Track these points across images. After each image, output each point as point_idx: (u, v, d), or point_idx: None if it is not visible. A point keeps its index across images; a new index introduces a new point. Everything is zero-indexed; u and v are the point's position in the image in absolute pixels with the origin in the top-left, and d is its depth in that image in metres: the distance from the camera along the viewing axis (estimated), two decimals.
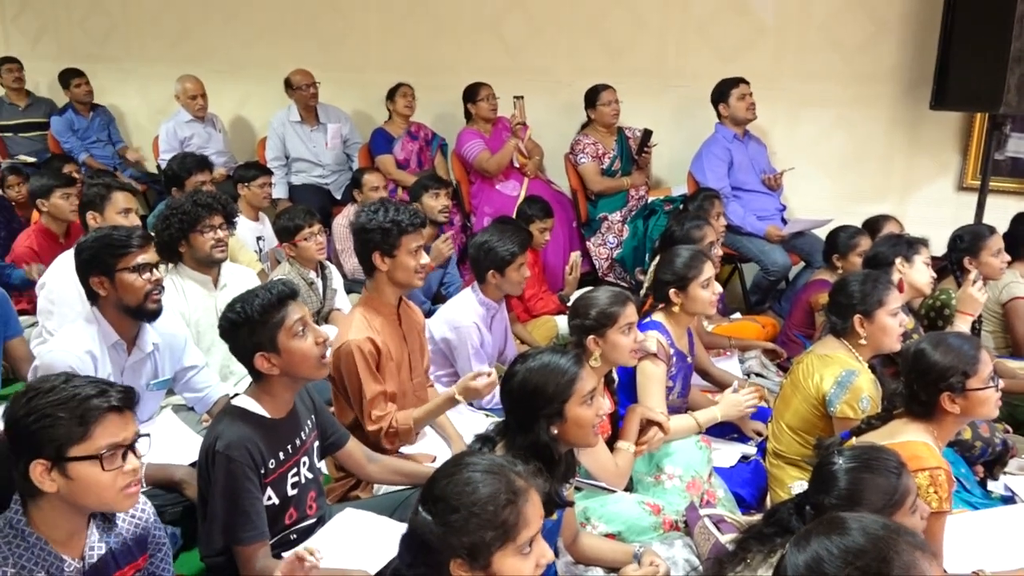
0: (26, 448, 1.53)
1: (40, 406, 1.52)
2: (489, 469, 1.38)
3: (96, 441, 1.53)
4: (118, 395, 1.58)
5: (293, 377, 2.07)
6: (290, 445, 2.11)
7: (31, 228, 4.20)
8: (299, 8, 5.67)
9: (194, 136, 5.51)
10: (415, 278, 2.59)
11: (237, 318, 2.03)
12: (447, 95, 5.19)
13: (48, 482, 1.53)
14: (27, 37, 6.53)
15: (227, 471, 1.94)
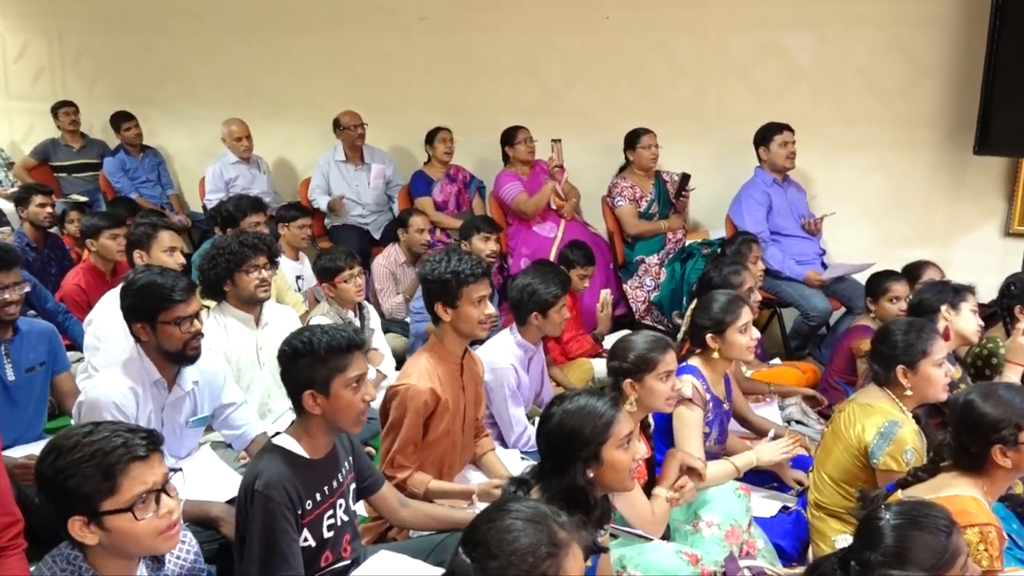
0: (61, 506, 1.54)
1: (65, 465, 1.53)
2: (532, 518, 1.36)
3: (124, 493, 1.54)
4: (141, 442, 1.58)
5: (331, 423, 2.08)
6: (327, 487, 2.11)
7: (80, 266, 4.32)
8: (341, 51, 5.82)
9: (239, 177, 5.64)
10: (478, 328, 2.59)
11: (301, 348, 2.04)
12: (485, 137, 5.26)
13: (89, 535, 1.54)
14: (84, 81, 6.79)
15: (265, 510, 1.95)
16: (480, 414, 2.82)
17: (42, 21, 6.86)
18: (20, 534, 2.14)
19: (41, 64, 6.95)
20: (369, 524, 2.59)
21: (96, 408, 2.38)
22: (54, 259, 4.80)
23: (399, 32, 5.65)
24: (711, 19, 4.84)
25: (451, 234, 5.03)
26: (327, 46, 5.85)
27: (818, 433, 3.15)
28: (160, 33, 6.40)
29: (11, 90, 7.13)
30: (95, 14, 6.62)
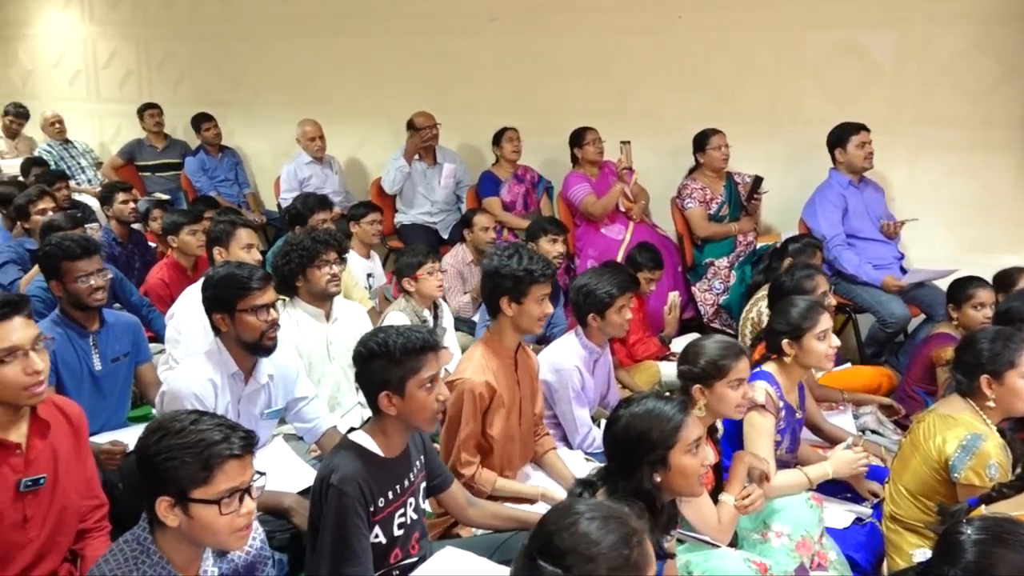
0: (154, 483, 1.62)
1: (168, 447, 1.61)
2: (605, 515, 1.35)
3: (216, 486, 1.60)
4: (240, 441, 1.64)
5: (407, 423, 2.11)
6: (399, 485, 2.14)
7: (163, 262, 4.49)
8: (413, 54, 5.90)
9: (312, 176, 5.78)
10: (537, 325, 2.63)
11: (377, 349, 2.06)
12: (554, 138, 5.27)
13: (171, 517, 1.61)
14: (168, 84, 7.06)
15: (339, 505, 1.98)
16: (537, 409, 2.83)
17: (130, 28, 7.17)
18: (105, 517, 2.24)
19: (128, 68, 7.26)
20: (435, 520, 2.61)
21: (177, 398, 2.47)
22: (138, 254, 4.99)
23: (469, 34, 5.70)
24: (787, 19, 4.74)
25: (518, 234, 5.04)
26: (399, 48, 5.95)
27: (894, 443, 3.05)
28: (239, 38, 6.61)
29: (101, 94, 7.47)
30: (179, 21, 6.88)
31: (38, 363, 1.92)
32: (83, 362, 2.97)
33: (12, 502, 1.95)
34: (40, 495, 2.00)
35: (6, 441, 1.94)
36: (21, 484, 1.96)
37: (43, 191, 4.64)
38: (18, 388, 1.91)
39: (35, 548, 2.01)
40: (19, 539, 1.98)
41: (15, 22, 7.77)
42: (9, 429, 1.95)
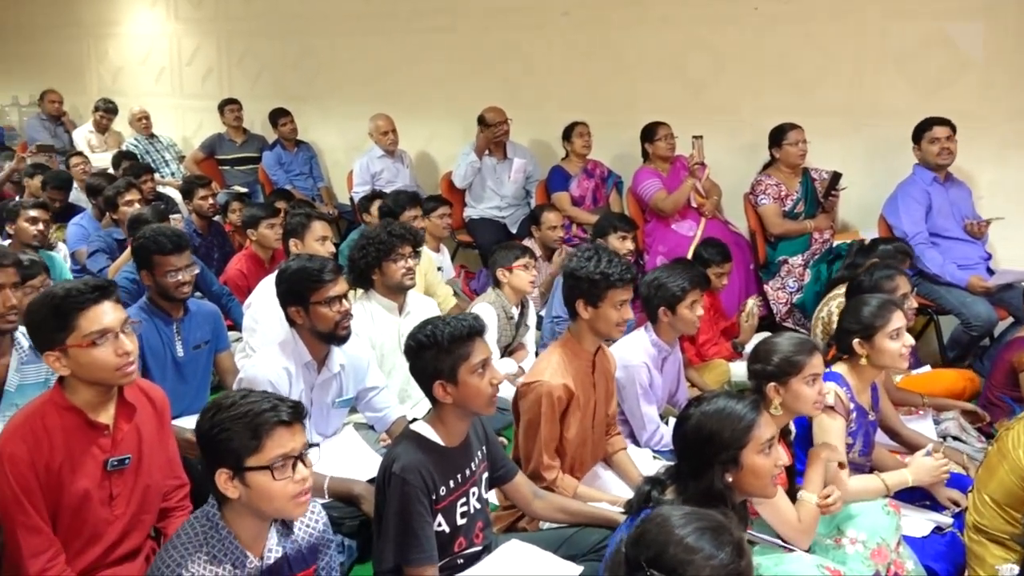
0: (212, 458, 1.69)
1: (220, 420, 1.68)
2: (714, 527, 1.34)
3: (267, 453, 1.66)
4: (288, 410, 1.70)
5: (464, 409, 2.14)
6: (460, 474, 2.17)
7: (241, 253, 4.64)
8: (484, 49, 5.93)
9: (384, 170, 5.88)
10: (615, 331, 2.60)
11: (426, 341, 2.11)
12: (625, 133, 5.22)
13: (231, 489, 1.68)
14: (247, 79, 7.27)
15: (401, 493, 2.02)
16: (611, 411, 2.81)
17: (212, 25, 7.40)
18: (187, 496, 2.33)
19: (210, 65, 7.50)
20: (500, 513, 2.63)
21: (253, 384, 2.54)
22: (217, 246, 5.16)
23: (541, 28, 5.70)
24: (869, 9, 4.58)
25: (587, 229, 5.03)
26: (470, 44, 5.98)
27: (978, 451, 2.92)
28: (316, 34, 6.75)
29: (184, 89, 7.74)
30: (259, 18, 7.07)
31: (127, 344, 2.01)
32: (167, 348, 3.08)
33: (100, 480, 2.04)
34: (125, 474, 2.09)
35: (95, 422, 2.03)
36: (108, 463, 2.05)
37: (130, 183, 4.84)
38: (110, 369, 1.99)
39: (121, 525, 2.10)
40: (106, 516, 2.07)
41: (107, 21, 8.11)
42: (98, 411, 2.04)
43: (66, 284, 2.04)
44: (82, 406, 2.02)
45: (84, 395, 2.02)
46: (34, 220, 4.21)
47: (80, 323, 1.96)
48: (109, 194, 4.73)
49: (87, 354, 1.96)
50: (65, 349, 1.97)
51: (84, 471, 2.01)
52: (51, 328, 1.97)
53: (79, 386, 2.02)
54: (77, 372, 1.99)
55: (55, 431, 1.98)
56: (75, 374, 1.99)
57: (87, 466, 2.02)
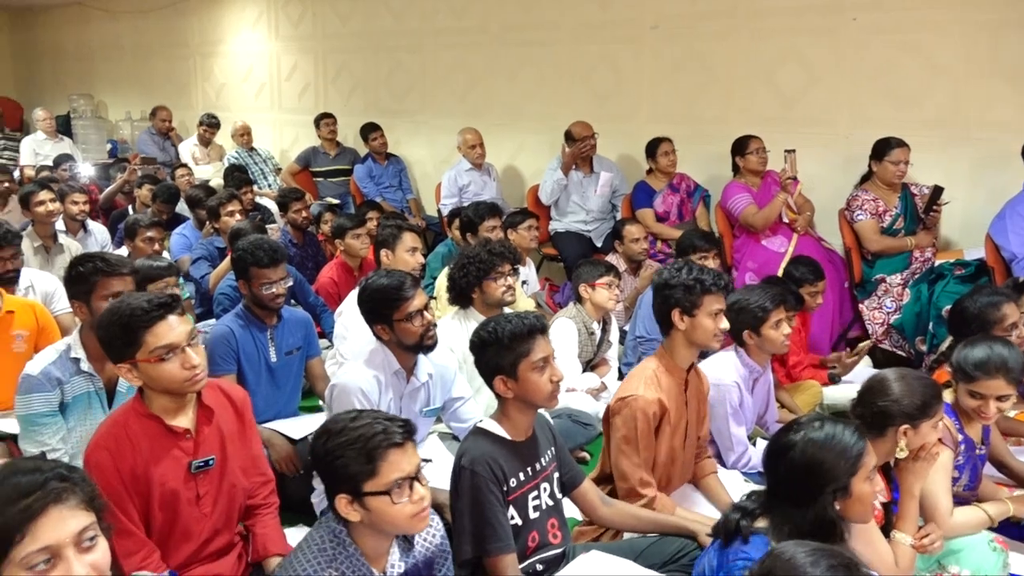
0: (331, 483, 1.73)
1: (334, 447, 1.70)
2: (846, 563, 1.32)
3: (384, 477, 1.68)
4: (399, 430, 1.71)
5: (525, 403, 2.18)
6: (530, 468, 2.21)
7: (332, 262, 4.78)
8: (573, 62, 5.95)
9: (471, 183, 5.96)
10: (713, 340, 2.55)
11: (488, 338, 2.17)
12: (714, 146, 5.14)
13: (352, 513, 1.71)
14: (341, 95, 7.51)
15: (472, 484, 2.06)
16: (703, 433, 2.76)
17: (310, 43, 7.69)
18: (273, 492, 2.39)
19: (307, 81, 7.78)
20: (583, 528, 2.61)
21: (345, 392, 2.62)
22: (311, 255, 5.34)
23: (630, 42, 5.68)
24: (979, 18, 4.38)
25: (672, 244, 4.97)
26: (559, 58, 6.02)
27: None
28: (408, 50, 6.92)
29: (282, 104, 8.05)
30: (354, 35, 7.30)
31: (194, 358, 2.07)
32: (261, 354, 3.20)
33: (185, 482, 2.12)
34: (210, 475, 2.17)
35: (175, 428, 2.11)
36: (192, 466, 2.13)
37: (232, 195, 5.06)
38: (179, 381, 2.06)
39: (211, 523, 2.18)
40: (196, 515, 2.15)
41: (213, 41, 8.53)
42: (177, 416, 2.12)
43: (132, 301, 2.10)
44: (160, 413, 2.10)
45: (160, 403, 2.10)
46: (151, 240, 4.44)
47: (147, 339, 2.03)
48: (212, 205, 4.95)
49: (155, 368, 2.04)
50: (135, 363, 2.05)
51: (169, 474, 2.09)
52: (120, 343, 2.05)
53: (154, 395, 2.10)
54: (148, 383, 2.07)
55: (138, 437, 2.06)
56: (147, 385, 2.08)
57: (172, 469, 2.10)
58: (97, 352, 2.66)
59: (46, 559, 1.31)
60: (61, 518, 1.33)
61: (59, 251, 4.68)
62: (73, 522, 1.34)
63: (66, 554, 1.33)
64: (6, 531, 1.29)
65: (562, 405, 3.38)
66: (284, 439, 3.01)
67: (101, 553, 1.38)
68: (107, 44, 9.61)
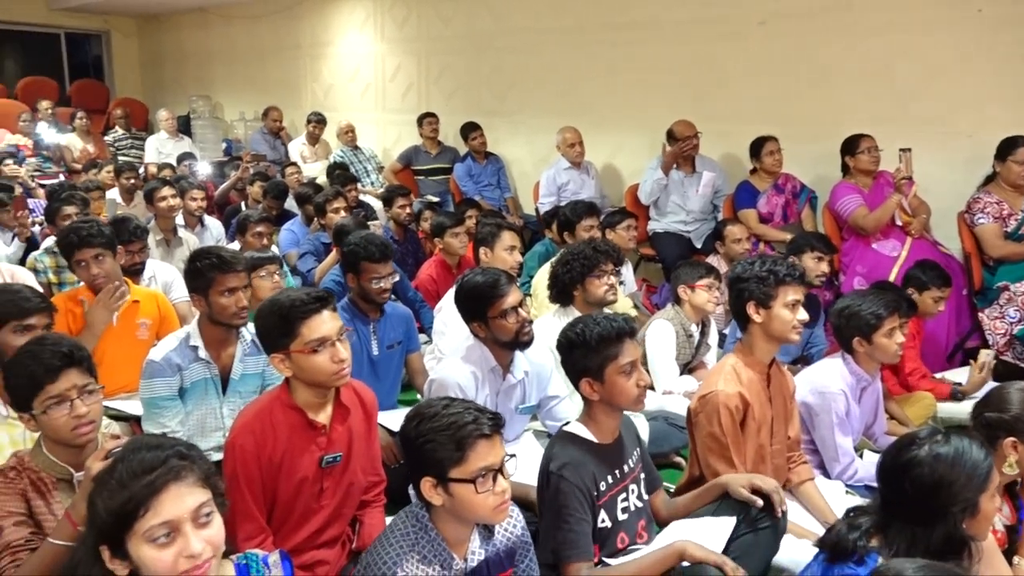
0: (417, 466, 1.77)
1: (425, 431, 1.75)
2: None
3: (470, 465, 1.72)
4: (488, 422, 1.75)
5: (611, 406, 2.18)
6: (618, 470, 2.21)
7: (432, 259, 4.87)
8: (675, 60, 5.86)
9: (570, 182, 5.96)
10: (792, 332, 2.48)
11: (575, 339, 2.18)
12: (821, 146, 4.96)
13: (436, 496, 1.76)
14: (443, 95, 7.64)
15: (559, 490, 2.07)
16: (792, 433, 2.67)
17: (414, 44, 7.85)
18: (382, 492, 2.48)
19: (410, 81, 7.95)
20: None
21: (443, 387, 2.67)
22: (411, 252, 5.47)
23: (735, 39, 5.55)
24: None
25: (775, 246, 4.82)
26: (661, 55, 5.94)
27: None
28: (509, 50, 6.98)
29: (386, 104, 8.26)
30: (457, 36, 7.42)
31: (342, 352, 2.16)
32: (364, 346, 3.30)
33: (313, 475, 2.21)
34: (335, 471, 2.26)
35: (315, 422, 2.21)
36: (323, 460, 2.22)
37: (338, 192, 5.24)
38: (327, 374, 2.15)
39: (326, 515, 2.27)
40: (315, 506, 2.25)
41: (323, 42, 8.83)
42: (317, 411, 2.22)
43: (291, 294, 2.21)
44: (303, 406, 2.19)
45: (305, 396, 2.20)
46: (260, 235, 4.64)
47: (302, 331, 2.13)
48: (319, 201, 5.13)
49: (307, 359, 2.13)
50: (288, 353, 2.14)
51: (302, 466, 2.18)
52: (277, 334, 2.15)
53: (300, 387, 2.19)
54: (298, 374, 2.16)
55: (280, 427, 2.16)
56: (296, 376, 2.17)
57: (305, 461, 2.19)
58: (213, 341, 2.82)
59: (166, 533, 1.39)
60: (180, 494, 1.41)
61: (178, 244, 4.96)
62: (191, 499, 1.42)
63: (184, 529, 1.41)
64: (132, 504, 1.38)
65: (658, 408, 3.37)
66: (384, 430, 3.09)
67: (216, 529, 1.46)
68: (224, 48, 10.10)
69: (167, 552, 1.39)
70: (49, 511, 1.91)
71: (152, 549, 1.38)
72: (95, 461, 1.74)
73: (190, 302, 3.13)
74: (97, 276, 3.31)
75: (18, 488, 1.90)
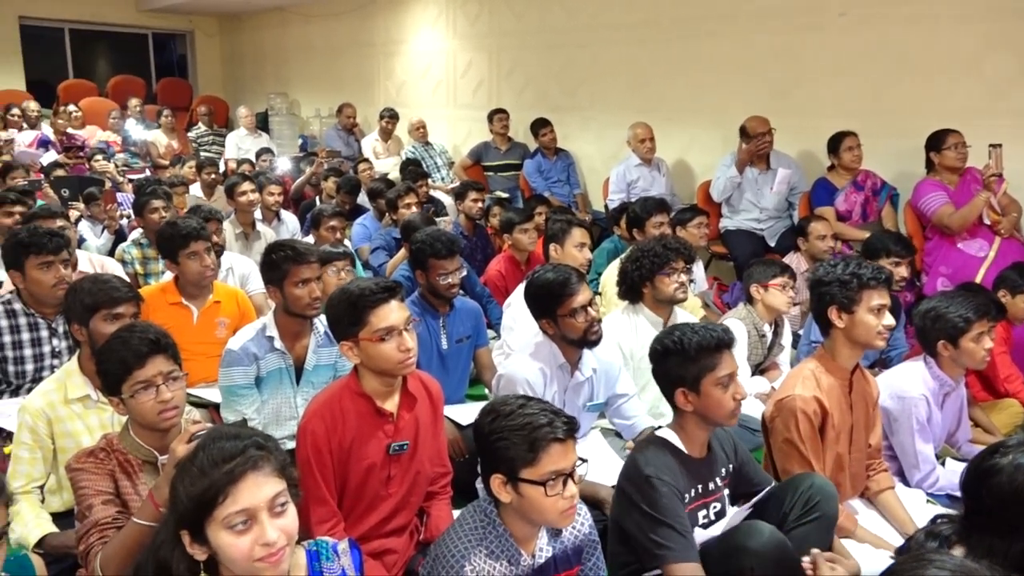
0: (489, 461, 1.78)
1: (499, 428, 1.76)
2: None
3: (542, 467, 1.71)
4: (563, 426, 1.75)
5: (704, 419, 2.12)
6: (702, 485, 2.16)
7: (500, 255, 4.89)
8: (751, 54, 5.73)
9: (640, 178, 5.90)
10: (876, 339, 2.41)
11: (672, 347, 2.13)
12: (903, 141, 4.78)
13: (505, 494, 1.76)
14: (514, 90, 7.65)
15: (660, 493, 2.01)
16: (873, 441, 2.59)
17: (486, 40, 7.89)
18: (449, 484, 2.51)
19: (481, 77, 7.99)
20: None
21: (512, 382, 2.68)
22: (480, 247, 5.49)
23: (814, 31, 5.39)
24: None
25: (853, 246, 4.68)
26: (737, 49, 5.81)
27: None
28: (581, 45, 6.94)
29: (457, 100, 8.32)
30: (528, 32, 7.42)
31: (409, 341, 2.20)
32: (433, 340, 3.34)
33: (381, 462, 2.26)
34: (402, 459, 2.30)
35: (383, 410, 2.25)
36: (390, 448, 2.26)
37: (409, 188, 5.31)
38: (393, 362, 2.19)
39: (394, 503, 2.31)
40: (383, 493, 2.29)
41: (395, 40, 8.96)
42: (385, 400, 2.26)
43: (361, 283, 2.26)
44: (371, 394, 2.24)
45: (372, 384, 2.25)
46: (333, 229, 4.75)
47: (371, 319, 2.18)
48: (391, 197, 5.21)
49: (375, 347, 2.18)
50: (357, 341, 2.20)
51: (369, 452, 2.23)
52: (347, 322, 2.20)
53: (368, 375, 2.24)
54: (366, 362, 2.21)
55: (349, 414, 2.22)
56: (364, 364, 2.22)
57: (372, 448, 2.24)
58: (288, 332, 2.90)
59: (243, 520, 1.44)
60: (257, 484, 1.46)
61: (256, 237, 5.12)
62: (267, 488, 1.47)
63: (260, 517, 1.45)
64: (212, 491, 1.44)
65: None
66: (452, 424, 3.12)
67: (291, 518, 1.50)
68: (301, 46, 10.34)
69: (244, 539, 1.43)
70: (135, 491, 1.99)
71: (230, 536, 1.43)
72: (179, 444, 1.81)
73: (266, 294, 3.22)
74: (207, 268, 3.48)
75: (107, 468, 1.99)
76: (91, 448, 2.04)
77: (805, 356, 3.84)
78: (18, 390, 3.11)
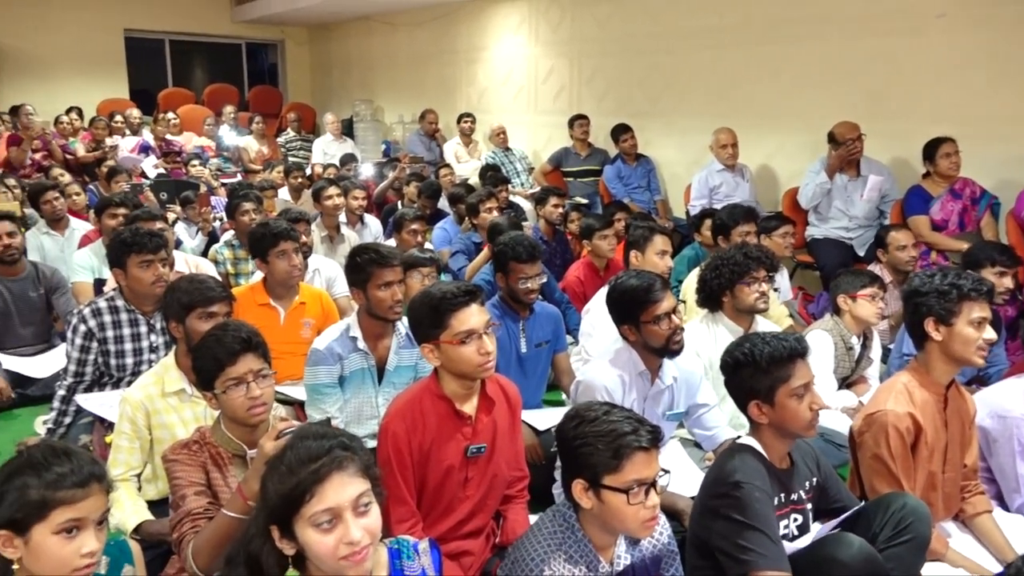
0: (571, 466, 1.78)
1: (583, 433, 1.75)
2: None
3: (625, 475, 1.71)
4: (647, 435, 1.74)
5: (781, 431, 2.07)
6: (785, 494, 2.12)
7: (579, 261, 4.87)
8: (842, 58, 5.55)
9: (723, 185, 5.79)
10: (975, 354, 2.31)
11: (743, 359, 2.08)
12: (1007, 148, 4.56)
13: (586, 500, 1.76)
14: (595, 96, 7.63)
15: (753, 498, 1.97)
16: (970, 460, 2.47)
17: (567, 46, 7.89)
18: (525, 488, 2.52)
19: (562, 83, 8.00)
20: None
21: (590, 389, 2.66)
22: (559, 252, 5.49)
23: (910, 33, 5.19)
24: None
25: (949, 256, 4.47)
26: (827, 53, 5.65)
27: None
28: (665, 51, 6.87)
29: (538, 106, 8.36)
30: (611, 38, 7.39)
31: (488, 345, 2.22)
32: (513, 344, 3.36)
33: (459, 464, 2.28)
34: (479, 461, 2.32)
35: (462, 412, 2.28)
36: (468, 450, 2.29)
37: (490, 193, 5.35)
38: (473, 365, 2.21)
39: (471, 505, 2.33)
40: (461, 495, 2.31)
41: (477, 47, 9.06)
42: (464, 402, 2.29)
43: (443, 287, 2.29)
44: (450, 396, 2.27)
45: (452, 386, 2.27)
46: (415, 233, 4.83)
47: (452, 323, 2.20)
48: (472, 202, 5.27)
49: (455, 350, 2.20)
50: (438, 344, 2.23)
51: (448, 454, 2.26)
52: (428, 324, 2.24)
53: (448, 378, 2.27)
54: (446, 364, 2.24)
55: (429, 415, 2.25)
56: (444, 366, 2.25)
57: (451, 450, 2.26)
58: (371, 333, 2.96)
59: (328, 519, 1.47)
60: (342, 483, 1.49)
61: (341, 241, 5.25)
62: (352, 488, 1.50)
63: (345, 516, 1.48)
64: (299, 490, 1.48)
65: None
66: (530, 429, 3.13)
67: (374, 518, 1.53)
68: (386, 53, 10.58)
69: (329, 537, 1.47)
70: (225, 483, 2.07)
71: (316, 533, 1.47)
72: (267, 441, 1.87)
73: (350, 297, 3.30)
74: (295, 267, 3.61)
75: (200, 460, 2.07)
76: (185, 440, 2.13)
77: (897, 370, 3.71)
78: (119, 383, 3.27)
